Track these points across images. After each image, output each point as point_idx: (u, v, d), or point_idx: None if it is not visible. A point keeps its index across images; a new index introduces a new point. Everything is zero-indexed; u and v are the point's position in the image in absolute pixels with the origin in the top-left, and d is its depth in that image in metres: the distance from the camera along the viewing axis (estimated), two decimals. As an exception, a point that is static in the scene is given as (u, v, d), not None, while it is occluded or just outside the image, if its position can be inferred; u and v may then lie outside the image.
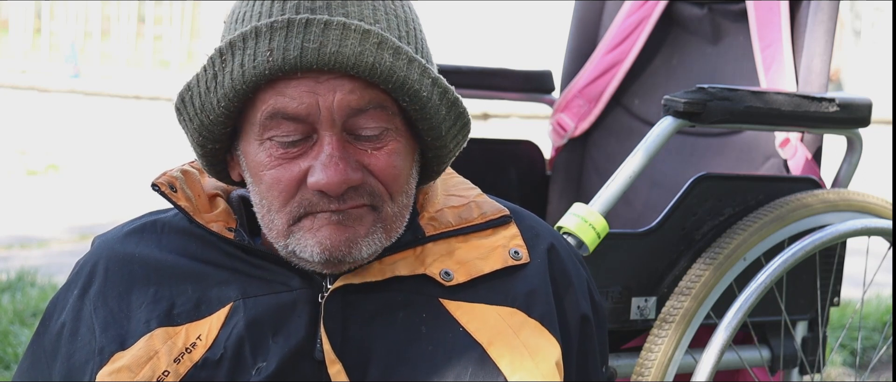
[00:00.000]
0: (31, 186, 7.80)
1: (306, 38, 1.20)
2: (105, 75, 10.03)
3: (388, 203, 1.28)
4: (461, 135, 1.34)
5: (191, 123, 1.29)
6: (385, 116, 1.26)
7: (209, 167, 1.35)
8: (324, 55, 1.20)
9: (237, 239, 1.34)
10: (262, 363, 1.27)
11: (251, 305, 1.30)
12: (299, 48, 1.20)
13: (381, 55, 1.22)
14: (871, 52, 9.86)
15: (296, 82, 1.22)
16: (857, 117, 2.22)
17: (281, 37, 1.21)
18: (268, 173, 1.26)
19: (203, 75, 1.25)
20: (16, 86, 9.66)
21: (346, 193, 1.25)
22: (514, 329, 1.31)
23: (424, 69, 1.25)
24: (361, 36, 1.21)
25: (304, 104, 1.22)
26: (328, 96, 1.22)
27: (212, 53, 1.25)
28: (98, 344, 1.31)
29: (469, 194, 1.42)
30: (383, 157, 1.27)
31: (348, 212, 1.26)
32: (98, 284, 1.36)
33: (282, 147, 1.25)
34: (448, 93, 1.29)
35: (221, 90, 1.24)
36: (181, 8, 10.69)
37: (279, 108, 1.23)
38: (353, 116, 1.24)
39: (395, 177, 1.28)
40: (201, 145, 1.31)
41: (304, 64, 1.21)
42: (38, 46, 10.74)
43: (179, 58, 10.58)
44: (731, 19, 2.76)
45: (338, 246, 1.26)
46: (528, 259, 1.37)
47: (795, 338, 2.23)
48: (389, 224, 1.29)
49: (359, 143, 1.26)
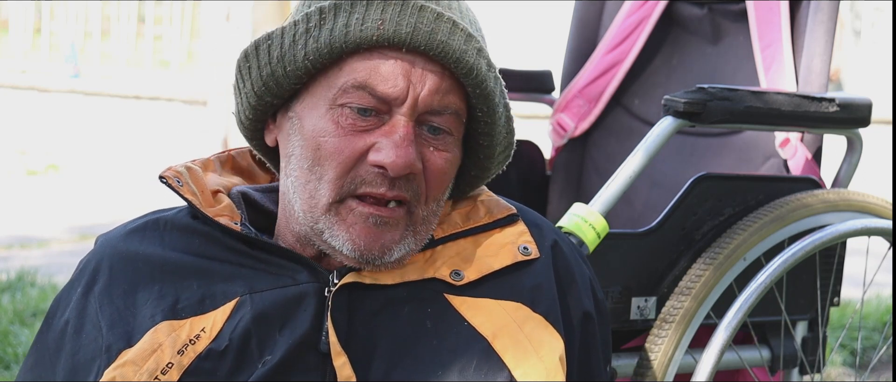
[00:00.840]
0: (31, 186, 7.81)
1: (419, 20, 1.23)
2: (105, 75, 10.03)
3: (422, 205, 1.30)
4: (505, 158, 1.38)
5: (260, 71, 1.28)
6: (456, 124, 1.29)
7: (251, 122, 1.35)
8: (433, 41, 1.23)
9: (244, 231, 1.34)
10: (269, 356, 1.27)
11: (258, 300, 1.30)
12: (412, 26, 1.22)
13: (479, 61, 1.26)
14: (871, 52, 9.86)
15: (393, 61, 1.24)
16: (857, 117, 2.22)
17: (394, 10, 1.23)
18: (330, 140, 1.26)
19: (292, 29, 1.26)
20: (16, 86, 9.66)
21: (398, 180, 1.26)
22: (518, 322, 1.32)
23: (504, 90, 1.31)
24: (466, 37, 1.25)
25: (396, 87, 1.24)
26: (419, 85, 1.24)
27: (309, 10, 1.25)
28: (105, 342, 1.31)
29: (475, 194, 1.43)
30: (440, 159, 1.29)
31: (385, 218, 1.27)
32: (102, 282, 1.36)
33: (353, 118, 1.25)
34: (512, 118, 1.34)
35: (314, 44, 1.24)
36: (181, 8, 10.69)
37: (370, 84, 1.24)
38: (430, 113, 1.26)
39: (441, 181, 1.30)
40: (259, 96, 1.30)
41: (413, 43, 1.22)
42: (38, 46, 10.74)
43: (179, 58, 10.58)
44: (731, 19, 2.76)
45: (371, 249, 1.28)
46: (538, 254, 1.38)
47: (795, 338, 2.23)
48: (418, 228, 1.31)
49: (423, 139, 1.28)
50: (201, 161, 1.44)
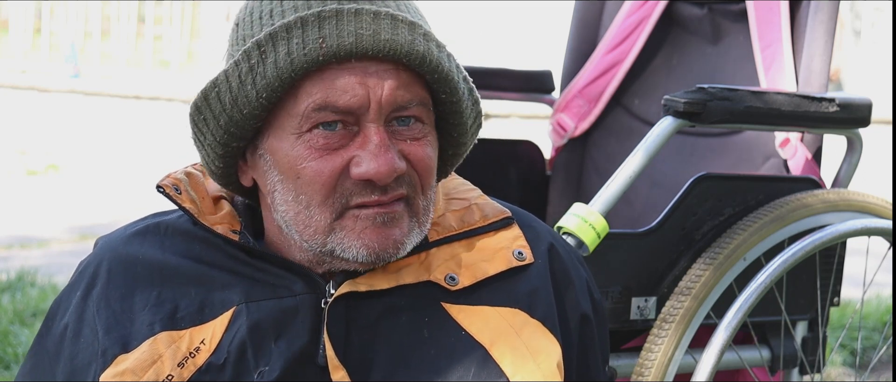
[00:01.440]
0: (31, 186, 7.80)
1: (359, 26, 1.20)
2: (105, 75, 10.04)
3: (420, 195, 1.29)
4: (476, 133, 1.37)
5: (216, 121, 1.27)
6: (424, 112, 1.28)
7: (222, 170, 1.33)
8: (378, 42, 1.21)
9: (242, 241, 1.34)
10: (265, 367, 1.27)
11: (254, 309, 1.30)
12: (354, 35, 1.20)
13: (429, 46, 1.24)
14: (871, 52, 9.86)
15: (347, 73, 1.22)
16: (857, 117, 2.22)
17: (331, 25, 1.20)
18: (308, 166, 1.25)
19: (235, 69, 1.24)
20: (16, 86, 9.66)
21: (390, 183, 1.25)
22: (516, 329, 1.31)
23: (458, 64, 1.29)
24: (409, 26, 1.23)
25: (356, 96, 1.22)
26: (377, 88, 1.22)
27: (246, 47, 1.23)
28: (101, 346, 1.31)
29: (470, 196, 1.42)
30: (421, 149, 1.28)
31: (391, 214, 1.26)
32: (101, 286, 1.35)
33: (324, 137, 1.24)
34: (474, 90, 1.32)
35: (263, 80, 1.22)
36: (181, 8, 10.70)
37: (330, 102, 1.22)
38: (396, 111, 1.25)
39: (429, 169, 1.30)
40: (224, 143, 1.28)
41: (359, 50, 1.20)
42: (38, 46, 10.74)
43: (179, 58, 10.59)
44: (731, 19, 2.76)
45: (386, 248, 1.27)
46: (533, 259, 1.37)
47: (795, 338, 2.23)
48: (421, 217, 1.30)
49: (398, 136, 1.27)
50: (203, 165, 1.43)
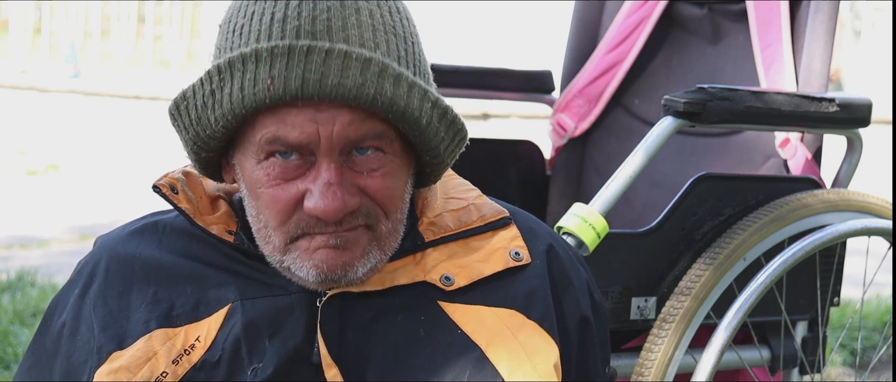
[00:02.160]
0: (31, 186, 7.81)
1: (307, 69, 1.18)
2: (105, 75, 10.03)
3: (383, 221, 1.28)
4: (458, 148, 1.33)
5: (186, 132, 1.28)
6: (383, 143, 1.25)
7: (202, 170, 1.35)
8: (325, 87, 1.19)
9: (237, 242, 1.34)
10: (258, 364, 1.27)
11: (249, 307, 1.30)
12: (300, 79, 1.19)
13: (382, 85, 1.21)
14: (871, 52, 9.86)
15: (296, 111, 1.21)
16: (857, 117, 2.22)
17: (281, 64, 1.19)
18: (265, 191, 1.25)
19: (200, 88, 1.24)
20: (16, 86, 9.66)
21: (343, 219, 1.25)
22: (512, 330, 1.31)
23: (424, 94, 1.24)
24: (363, 65, 1.20)
25: (305, 133, 1.21)
26: (328, 126, 1.21)
27: (210, 68, 1.23)
28: (96, 343, 1.31)
29: (468, 196, 1.42)
30: (379, 179, 1.26)
31: (345, 236, 1.25)
32: (98, 284, 1.36)
33: (280, 166, 1.24)
34: (447, 114, 1.27)
35: (220, 109, 1.23)
36: (181, 8, 10.70)
37: (280, 136, 1.22)
38: (350, 145, 1.24)
39: (391, 198, 1.27)
40: (195, 153, 1.30)
41: (304, 94, 1.19)
42: (38, 46, 10.74)
43: (179, 58, 10.59)
44: (731, 19, 2.76)
45: (334, 270, 1.26)
46: (530, 259, 1.36)
47: (795, 338, 2.23)
48: (384, 241, 1.29)
49: (355, 166, 1.25)
50: None
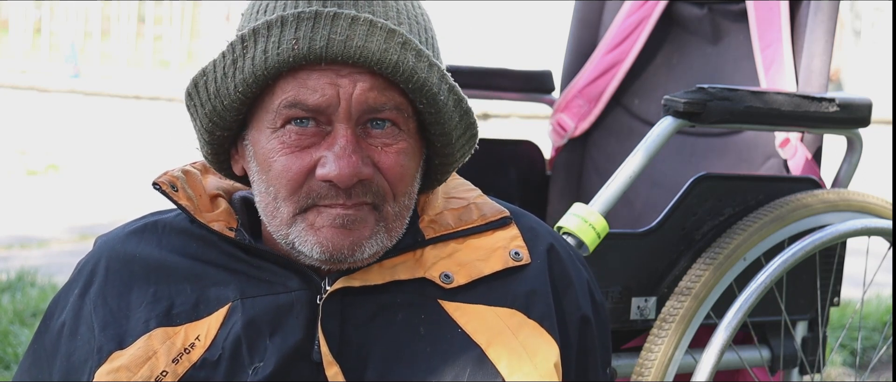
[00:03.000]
0: (31, 186, 7.81)
1: (333, 30, 1.21)
2: (105, 75, 10.04)
3: (390, 202, 1.29)
4: (468, 145, 1.35)
5: (202, 108, 1.29)
6: (400, 118, 1.27)
7: (213, 157, 1.36)
8: (349, 48, 1.21)
9: (238, 238, 1.34)
10: (259, 363, 1.27)
11: (249, 305, 1.30)
12: (326, 39, 1.21)
13: (405, 55, 1.23)
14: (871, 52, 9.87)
15: (318, 73, 1.23)
16: (857, 117, 2.22)
17: (307, 27, 1.22)
18: (279, 160, 1.26)
19: (221, 61, 1.26)
20: (16, 86, 9.67)
21: (353, 187, 1.25)
22: (512, 330, 1.31)
23: (443, 74, 1.27)
24: (387, 34, 1.22)
25: (325, 96, 1.23)
26: (348, 89, 1.23)
27: (233, 40, 1.25)
28: (97, 343, 1.31)
29: (469, 196, 1.42)
30: (393, 156, 1.27)
31: (351, 214, 1.26)
32: (98, 283, 1.36)
33: (296, 134, 1.25)
34: (462, 102, 1.30)
35: (241, 75, 1.24)
36: (181, 8, 10.70)
37: (300, 99, 1.24)
38: (369, 113, 1.25)
39: (402, 177, 1.29)
40: (209, 131, 1.31)
41: (329, 55, 1.21)
42: (38, 46, 10.75)
43: (179, 58, 10.59)
44: (731, 19, 2.76)
45: (340, 249, 1.27)
46: (529, 259, 1.37)
47: (795, 338, 2.23)
48: (391, 224, 1.29)
49: (370, 139, 1.26)
50: (201, 163, 1.43)
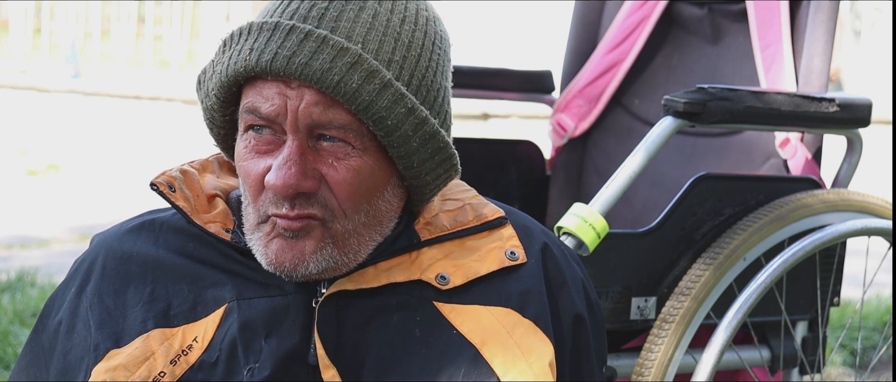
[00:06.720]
0: (31, 186, 7.81)
1: (282, 45, 1.23)
2: (105, 75, 10.03)
3: (341, 219, 1.27)
4: (441, 170, 1.32)
5: (202, 104, 1.34)
6: (349, 136, 1.26)
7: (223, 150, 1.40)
8: (292, 65, 1.22)
9: (234, 240, 1.34)
10: (255, 364, 1.27)
11: (245, 307, 1.30)
12: (273, 53, 1.23)
13: (350, 76, 1.22)
14: (871, 52, 9.87)
15: (271, 84, 1.25)
16: (857, 117, 2.22)
17: (264, 38, 1.24)
18: (243, 165, 1.29)
19: (213, 60, 1.30)
20: (16, 86, 9.66)
21: (296, 199, 1.25)
22: (507, 329, 1.31)
23: (400, 97, 1.24)
24: (337, 53, 1.22)
25: (274, 106, 1.24)
26: (295, 102, 1.24)
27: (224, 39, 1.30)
28: (93, 341, 1.31)
29: (464, 196, 1.42)
30: (342, 171, 1.26)
31: (295, 225, 1.26)
32: (95, 281, 1.36)
33: (255, 139, 1.28)
34: (425, 126, 1.27)
35: (217, 79, 1.28)
36: (181, 8, 10.70)
37: (255, 107, 1.26)
38: (316, 128, 1.25)
39: (350, 194, 1.27)
40: (209, 127, 1.36)
41: (273, 69, 1.23)
42: (38, 46, 10.74)
43: (179, 58, 10.58)
44: (731, 19, 2.76)
45: (283, 263, 1.27)
46: (525, 259, 1.37)
47: (795, 338, 2.23)
48: (343, 241, 1.28)
49: (321, 152, 1.26)
50: (199, 162, 1.43)
